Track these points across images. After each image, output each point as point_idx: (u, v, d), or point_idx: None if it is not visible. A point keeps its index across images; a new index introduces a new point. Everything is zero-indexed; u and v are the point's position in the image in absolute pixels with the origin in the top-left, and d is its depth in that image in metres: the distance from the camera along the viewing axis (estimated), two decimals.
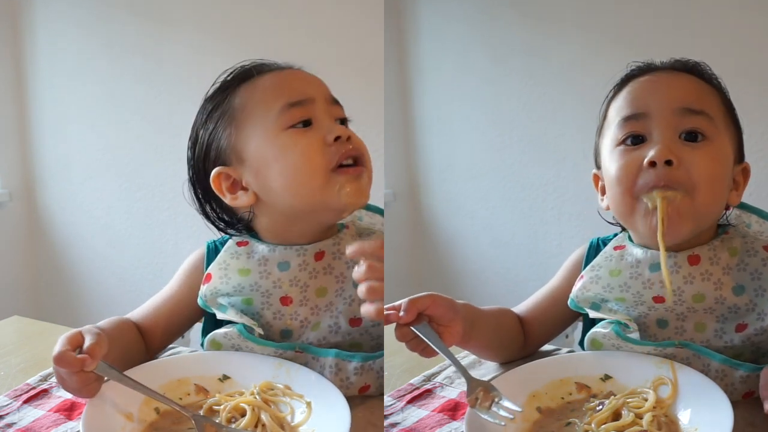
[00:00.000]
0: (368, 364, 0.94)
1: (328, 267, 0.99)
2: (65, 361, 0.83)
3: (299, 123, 0.96)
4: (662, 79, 0.99)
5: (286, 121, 0.96)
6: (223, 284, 0.99)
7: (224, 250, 1.02)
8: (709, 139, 0.93)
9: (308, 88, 0.99)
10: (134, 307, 1.07)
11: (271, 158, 0.96)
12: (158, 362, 0.99)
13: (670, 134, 0.93)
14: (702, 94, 0.97)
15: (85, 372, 0.84)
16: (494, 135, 2.60)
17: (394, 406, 0.98)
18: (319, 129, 0.96)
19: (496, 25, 2.53)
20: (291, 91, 0.98)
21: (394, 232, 2.74)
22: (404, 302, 0.89)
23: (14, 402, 0.97)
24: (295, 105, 0.96)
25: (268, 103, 0.98)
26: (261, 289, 0.99)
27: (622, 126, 0.96)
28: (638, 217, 0.94)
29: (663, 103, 0.95)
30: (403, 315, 0.89)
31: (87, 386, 0.85)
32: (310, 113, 0.97)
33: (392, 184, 2.75)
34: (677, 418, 0.85)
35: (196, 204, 1.05)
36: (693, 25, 2.13)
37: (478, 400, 0.86)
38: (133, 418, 0.87)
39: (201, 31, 2.41)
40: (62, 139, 2.62)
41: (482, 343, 1.04)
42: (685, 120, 0.93)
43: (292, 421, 0.87)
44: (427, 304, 0.90)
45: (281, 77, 1.01)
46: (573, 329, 1.28)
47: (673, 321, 0.97)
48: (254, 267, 0.99)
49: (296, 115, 0.96)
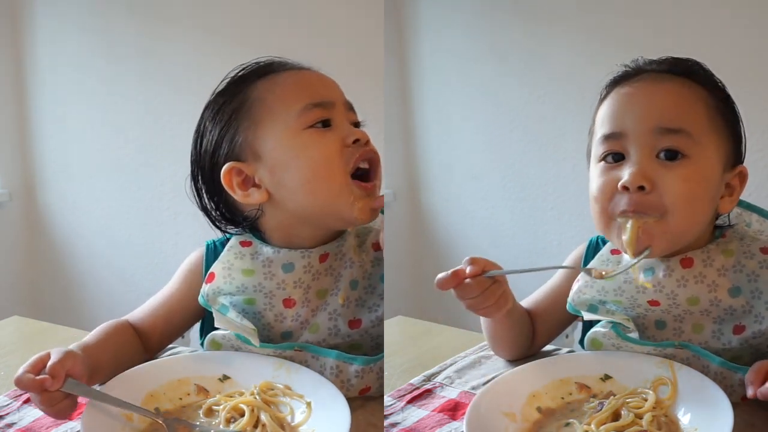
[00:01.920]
0: (369, 367, 0.94)
1: (330, 268, 0.99)
2: (23, 384, 0.83)
3: (319, 123, 0.96)
4: (642, 92, 0.96)
5: (307, 120, 0.96)
6: (227, 284, 0.99)
7: (227, 249, 1.01)
8: (687, 157, 0.91)
9: (329, 90, 1.00)
10: (134, 307, 1.07)
11: (290, 156, 0.96)
12: (158, 362, 0.99)
13: (646, 154, 0.92)
14: (684, 106, 0.94)
15: (50, 392, 0.83)
16: (494, 135, 2.60)
17: (394, 406, 0.98)
18: (338, 131, 0.97)
19: (496, 26, 2.53)
20: (313, 91, 0.98)
21: (394, 232, 2.74)
22: (467, 259, 0.92)
23: (14, 402, 0.97)
24: (318, 106, 0.97)
25: (289, 101, 0.97)
26: (265, 290, 0.98)
27: (602, 143, 0.96)
28: (613, 236, 0.96)
29: (640, 122, 0.93)
30: (470, 268, 0.91)
31: (54, 406, 0.85)
32: (330, 114, 0.97)
33: (392, 184, 2.75)
34: (677, 418, 0.85)
35: (196, 199, 1.04)
36: (693, 25, 2.12)
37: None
38: (133, 418, 0.87)
39: (201, 31, 2.41)
40: (62, 139, 2.61)
41: (517, 320, 1.05)
42: (663, 139, 0.91)
43: (292, 421, 0.87)
44: (485, 262, 0.93)
45: (302, 77, 1.01)
46: (573, 329, 1.28)
47: (671, 322, 0.97)
48: (258, 268, 0.99)
49: (317, 115, 0.96)
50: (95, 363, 0.91)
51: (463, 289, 0.91)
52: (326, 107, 0.97)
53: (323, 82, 1.01)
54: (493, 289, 0.92)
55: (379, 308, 0.99)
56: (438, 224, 2.78)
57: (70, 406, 0.86)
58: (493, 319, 1.02)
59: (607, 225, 0.95)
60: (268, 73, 1.01)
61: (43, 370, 0.84)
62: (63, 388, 0.84)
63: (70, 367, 0.85)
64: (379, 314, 0.99)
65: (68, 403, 0.86)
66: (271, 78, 1.00)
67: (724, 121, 0.96)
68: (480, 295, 0.91)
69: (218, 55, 2.22)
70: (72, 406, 0.86)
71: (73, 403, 0.86)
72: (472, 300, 0.92)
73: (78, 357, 0.87)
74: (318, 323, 0.98)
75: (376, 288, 1.00)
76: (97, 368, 0.91)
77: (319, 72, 1.03)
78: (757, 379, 0.85)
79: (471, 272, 0.90)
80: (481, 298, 0.92)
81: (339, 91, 1.01)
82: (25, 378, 0.83)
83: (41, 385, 0.83)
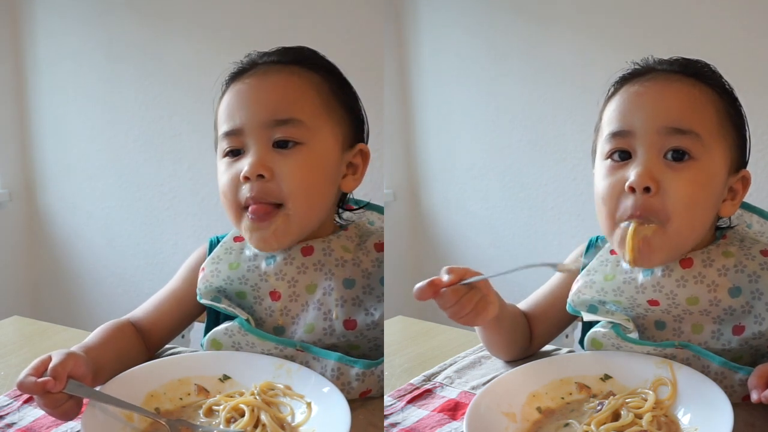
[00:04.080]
0: (370, 370, 0.94)
1: (318, 263, 1.00)
2: (25, 387, 0.84)
3: (230, 152, 0.99)
4: (652, 91, 0.95)
5: (222, 148, 1.00)
6: (214, 277, 1.01)
7: (220, 244, 1.04)
8: (694, 159, 0.91)
9: (246, 111, 0.98)
10: (134, 307, 1.08)
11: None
12: (159, 362, 0.99)
13: (653, 154, 0.92)
14: (693, 107, 0.94)
15: (53, 394, 0.84)
16: (494, 135, 2.60)
17: (394, 406, 0.98)
18: (243, 161, 0.97)
19: (496, 26, 2.53)
20: (229, 117, 0.99)
21: (394, 232, 2.74)
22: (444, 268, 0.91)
23: (14, 402, 0.97)
24: (228, 135, 0.99)
25: (218, 126, 1.01)
26: (249, 282, 1.00)
27: (610, 141, 0.95)
28: (615, 241, 0.96)
29: (649, 121, 0.93)
30: (447, 277, 0.90)
31: (58, 408, 0.85)
32: (239, 143, 0.98)
33: (392, 184, 2.74)
34: (677, 418, 0.85)
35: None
36: (693, 25, 2.12)
37: None
38: (134, 418, 0.87)
39: (201, 31, 2.40)
40: (62, 139, 2.61)
41: (508, 326, 1.04)
42: (671, 139, 0.91)
43: (293, 421, 0.87)
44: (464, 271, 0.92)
45: (239, 94, 1.00)
46: (573, 329, 1.28)
47: (671, 322, 0.97)
48: (244, 262, 1.02)
49: (226, 145, 0.99)
50: (97, 364, 0.91)
51: (441, 298, 0.90)
52: (236, 135, 0.98)
53: (247, 100, 0.99)
54: (469, 296, 0.91)
55: (376, 312, 0.99)
56: (438, 224, 2.78)
57: (74, 407, 0.86)
58: (482, 327, 1.02)
59: (611, 229, 0.95)
60: (234, 80, 1.02)
61: (45, 372, 0.84)
62: (65, 389, 0.84)
63: (72, 368, 0.86)
64: (376, 318, 0.98)
65: (72, 404, 0.86)
66: (230, 90, 1.02)
67: (732, 125, 0.96)
68: (456, 303, 0.90)
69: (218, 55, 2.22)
70: (77, 407, 0.86)
71: (78, 404, 0.86)
72: (450, 309, 0.91)
73: (80, 358, 0.87)
74: (313, 324, 0.98)
75: (375, 289, 1.00)
76: (99, 369, 0.91)
77: (266, 77, 1.00)
78: (760, 383, 0.85)
79: (448, 281, 0.90)
80: (458, 306, 0.90)
81: (263, 108, 0.97)
82: (27, 381, 0.83)
83: (43, 387, 0.83)
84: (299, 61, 1.01)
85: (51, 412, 0.86)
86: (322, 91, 1.00)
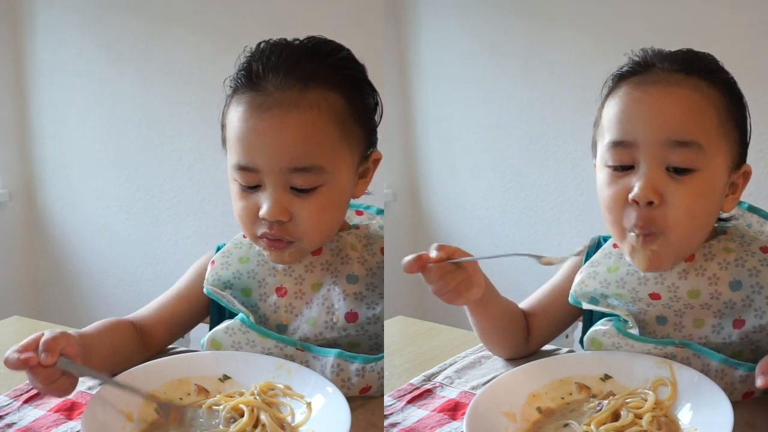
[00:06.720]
0: (370, 366, 0.94)
1: (326, 263, 1.01)
2: (9, 361, 0.83)
3: (245, 185, 0.95)
4: (652, 98, 0.93)
5: (234, 176, 0.96)
6: (224, 269, 1.03)
7: (231, 241, 1.06)
8: (697, 171, 0.91)
9: (263, 154, 0.93)
10: (134, 307, 1.08)
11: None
12: (159, 362, 0.99)
13: (655, 166, 0.91)
14: (694, 115, 0.92)
15: (46, 368, 0.83)
16: (494, 135, 2.60)
17: (394, 406, 0.98)
18: (262, 195, 0.94)
19: (496, 26, 2.53)
20: (245, 152, 0.94)
21: (394, 232, 2.74)
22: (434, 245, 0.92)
23: (14, 402, 0.97)
24: (243, 169, 0.94)
25: (229, 150, 0.97)
26: (258, 276, 1.02)
27: (611, 149, 0.94)
28: (625, 247, 0.96)
29: (650, 132, 0.91)
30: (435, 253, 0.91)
31: (52, 384, 0.85)
32: (258, 180, 0.94)
33: (392, 184, 2.74)
34: (677, 419, 0.85)
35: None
36: (692, 25, 2.12)
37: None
38: (134, 417, 0.87)
39: (201, 32, 2.40)
40: (62, 139, 2.61)
41: (496, 313, 1.04)
42: (673, 153, 0.90)
43: (293, 421, 0.87)
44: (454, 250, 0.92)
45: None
46: (573, 329, 1.28)
47: (672, 317, 0.97)
48: (254, 256, 1.03)
49: (243, 177, 0.95)
50: (89, 347, 0.91)
51: (426, 273, 0.91)
52: (253, 172, 0.94)
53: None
54: (454, 275, 0.91)
55: (377, 306, 1.00)
56: (438, 224, 2.78)
57: (68, 383, 0.86)
58: (469, 309, 1.03)
59: (621, 236, 0.96)
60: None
61: (36, 349, 0.84)
62: (57, 365, 0.83)
63: (64, 345, 0.85)
64: (377, 313, 0.99)
65: (66, 380, 0.86)
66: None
67: (733, 122, 0.95)
68: (440, 279, 0.91)
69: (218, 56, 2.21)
70: (71, 384, 0.86)
71: (72, 381, 0.86)
72: (434, 284, 0.92)
73: (72, 337, 0.87)
74: (315, 317, 0.99)
75: (378, 287, 1.01)
76: (90, 353, 0.91)
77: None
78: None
79: (435, 258, 0.91)
80: (441, 282, 0.91)
81: (279, 154, 0.93)
82: (11, 355, 0.83)
83: (30, 362, 0.82)
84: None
85: (45, 388, 0.85)
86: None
